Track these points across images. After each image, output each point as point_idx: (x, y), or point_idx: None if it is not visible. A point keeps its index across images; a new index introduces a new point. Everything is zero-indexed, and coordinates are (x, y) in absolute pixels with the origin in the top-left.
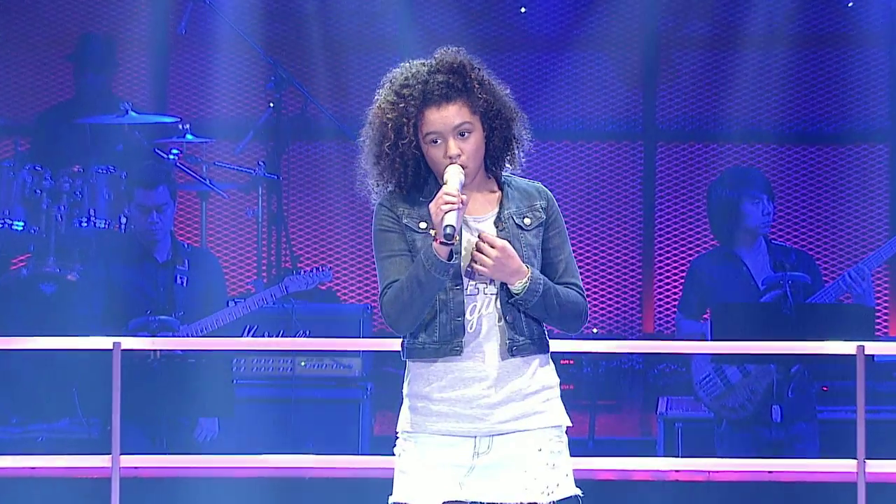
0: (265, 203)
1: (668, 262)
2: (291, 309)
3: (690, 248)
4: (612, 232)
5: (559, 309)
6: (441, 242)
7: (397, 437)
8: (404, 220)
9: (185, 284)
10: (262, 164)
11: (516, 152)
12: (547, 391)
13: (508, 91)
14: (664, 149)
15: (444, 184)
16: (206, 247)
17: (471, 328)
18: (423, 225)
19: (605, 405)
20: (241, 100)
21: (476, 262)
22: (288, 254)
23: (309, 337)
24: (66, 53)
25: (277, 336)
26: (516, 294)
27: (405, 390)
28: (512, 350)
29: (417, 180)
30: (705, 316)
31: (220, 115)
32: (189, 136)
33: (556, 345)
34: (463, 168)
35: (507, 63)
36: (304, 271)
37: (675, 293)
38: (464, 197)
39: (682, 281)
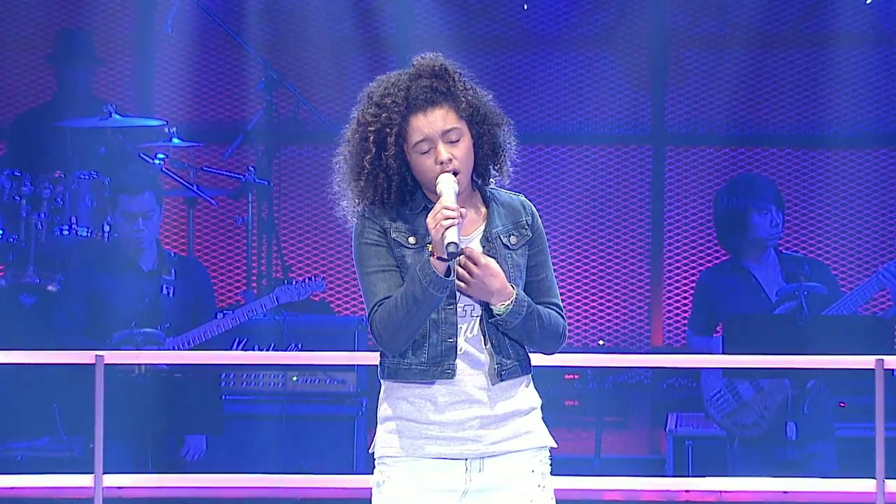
0: (255, 210)
1: (678, 271)
2: (283, 321)
3: (701, 257)
4: (619, 240)
5: (539, 332)
6: (439, 258)
7: (375, 465)
8: (392, 235)
9: (171, 295)
10: (252, 169)
11: (505, 160)
12: (534, 412)
13: (492, 96)
14: (673, 153)
15: (439, 195)
16: (193, 256)
17: (460, 350)
18: (412, 240)
19: (611, 422)
20: (231, 102)
21: (457, 279)
22: (279, 263)
23: (301, 350)
24: (45, 53)
25: (268, 349)
26: (498, 315)
27: (384, 412)
28: (501, 374)
29: (402, 194)
30: (717, 332)
31: (208, 118)
32: (175, 140)
33: (559, 358)
34: (456, 173)
35: (508, 63)
36: (296, 281)
37: (685, 304)
38: (462, 210)
39: (693, 291)
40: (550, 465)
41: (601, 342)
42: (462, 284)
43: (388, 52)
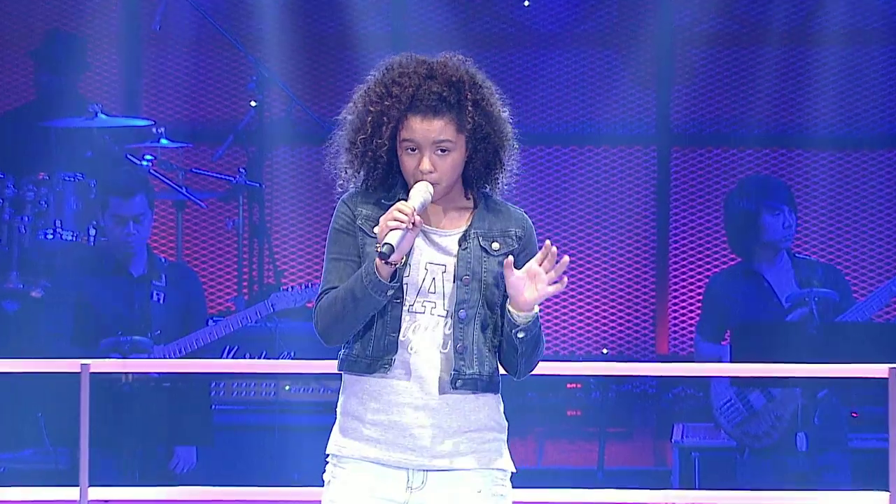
0: (246, 213)
1: (684, 277)
2: (275, 328)
3: (708, 263)
4: (624, 244)
5: (536, 349)
6: (385, 261)
7: (327, 462)
8: (359, 222)
9: (161, 301)
10: (242, 170)
11: (497, 178)
12: (490, 432)
13: (507, 112)
14: (679, 154)
15: (408, 199)
16: (182, 261)
17: (410, 348)
18: (377, 229)
19: (615, 433)
20: (221, 101)
21: (554, 283)
22: (271, 269)
23: (294, 359)
24: (29, 51)
25: (260, 358)
26: (524, 322)
27: (339, 407)
28: (455, 382)
29: (387, 179)
30: (726, 339)
31: (197, 118)
32: (164, 141)
33: (562, 366)
34: (434, 184)
35: (508, 61)
36: (293, 288)
37: (691, 311)
38: (417, 219)
39: (700, 297)
40: (508, 487)
41: (605, 350)
42: (560, 287)
43: (385, 50)
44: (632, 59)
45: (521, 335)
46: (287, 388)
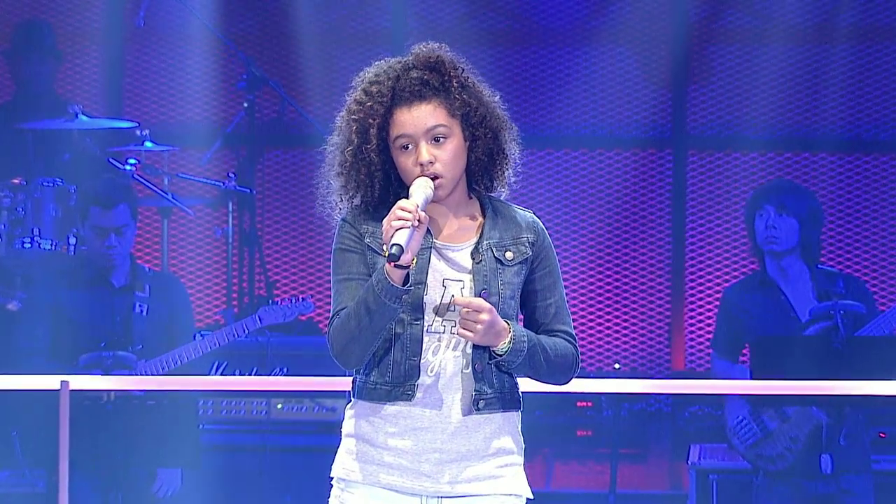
0: (236, 220)
1: (701, 288)
2: (266, 343)
3: (727, 273)
4: (637, 254)
5: (546, 365)
6: (394, 264)
7: (332, 485)
8: (366, 240)
9: (145, 314)
10: (232, 175)
11: (504, 169)
12: (508, 456)
13: (498, 98)
14: (696, 158)
15: (409, 197)
16: (168, 271)
17: (431, 371)
18: (383, 233)
19: (628, 454)
20: (209, 102)
21: (464, 329)
22: (262, 279)
23: (286, 375)
24: (2, 49)
25: (250, 374)
26: (499, 356)
27: (346, 429)
28: (477, 404)
29: (386, 195)
30: (744, 355)
31: (184, 120)
32: (148, 144)
33: (571, 384)
34: (437, 178)
35: (514, 59)
36: (283, 301)
37: (708, 324)
38: (422, 214)
39: (717, 311)
40: None
41: (617, 366)
42: (469, 334)
43: (383, 48)
44: (646, 57)
45: (503, 366)
46: (279, 406)
